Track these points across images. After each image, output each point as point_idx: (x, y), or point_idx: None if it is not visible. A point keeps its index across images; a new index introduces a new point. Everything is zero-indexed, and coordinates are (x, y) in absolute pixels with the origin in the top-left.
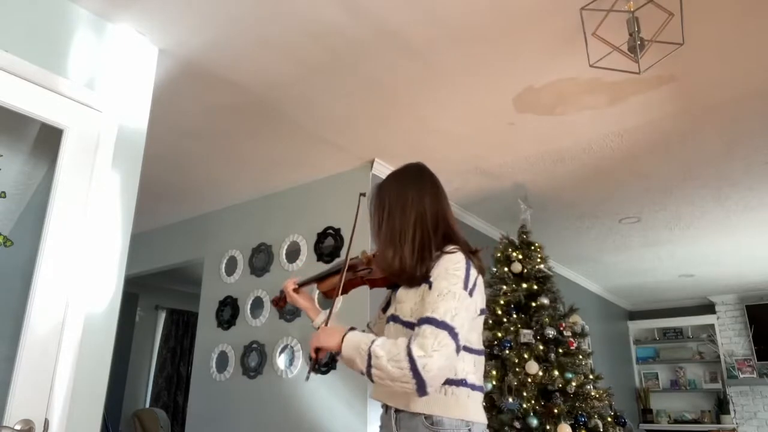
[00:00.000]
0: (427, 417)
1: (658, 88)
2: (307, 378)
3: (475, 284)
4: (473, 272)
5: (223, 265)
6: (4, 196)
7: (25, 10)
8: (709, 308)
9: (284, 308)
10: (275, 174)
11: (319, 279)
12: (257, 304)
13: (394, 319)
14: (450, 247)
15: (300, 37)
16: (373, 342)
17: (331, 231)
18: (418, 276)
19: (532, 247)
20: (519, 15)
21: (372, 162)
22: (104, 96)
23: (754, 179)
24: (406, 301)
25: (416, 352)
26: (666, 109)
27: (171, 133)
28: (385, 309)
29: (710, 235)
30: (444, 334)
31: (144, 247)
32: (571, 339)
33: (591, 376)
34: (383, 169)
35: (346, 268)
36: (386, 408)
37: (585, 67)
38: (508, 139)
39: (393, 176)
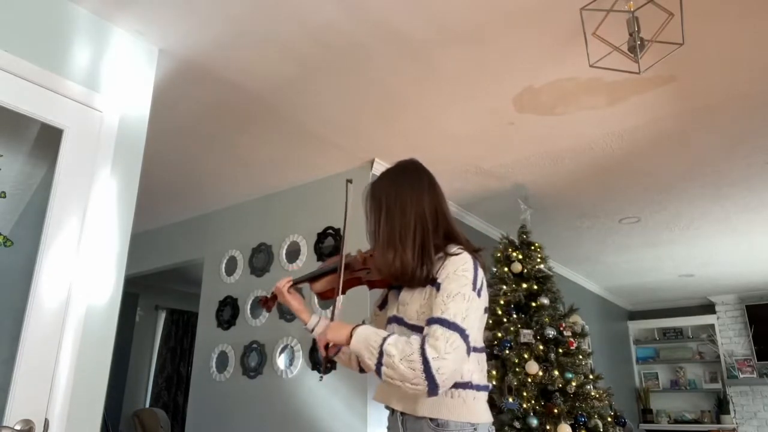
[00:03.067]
0: (432, 419)
1: (658, 88)
2: (321, 378)
3: (482, 284)
4: (480, 272)
5: (223, 265)
6: (4, 196)
7: (25, 10)
8: (709, 308)
9: (272, 309)
10: (275, 174)
11: (313, 279)
12: (257, 304)
13: (398, 321)
14: (455, 248)
15: (300, 37)
16: (385, 339)
17: (331, 231)
18: (420, 277)
19: (532, 247)
20: (519, 15)
21: (372, 162)
22: (104, 96)
23: (754, 179)
24: (411, 303)
25: (430, 354)
26: (666, 109)
27: (171, 133)
28: (381, 306)
29: (710, 235)
30: (456, 336)
31: (144, 247)
32: (571, 339)
33: (591, 376)
34: (383, 169)
35: (343, 267)
36: (392, 410)
37: (585, 67)
38: (508, 139)
39: (388, 174)
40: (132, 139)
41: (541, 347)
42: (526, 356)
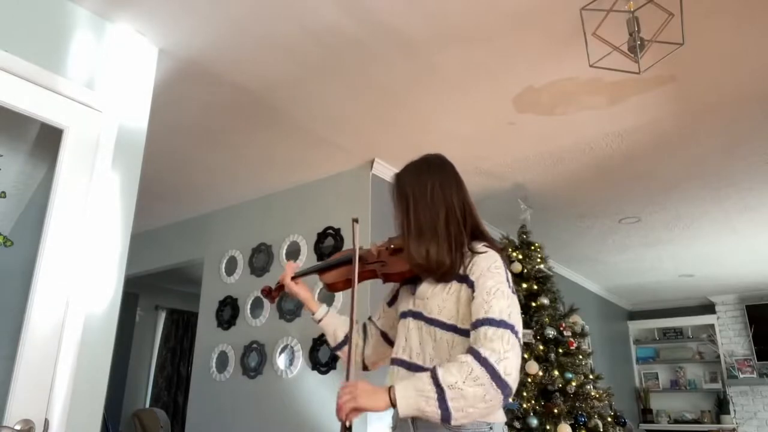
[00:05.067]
0: None
1: (658, 88)
2: None
3: (512, 283)
4: (508, 271)
5: (223, 265)
6: (4, 196)
7: (25, 10)
8: (709, 308)
9: (276, 300)
10: (275, 174)
11: (323, 269)
12: (257, 304)
13: (415, 315)
14: (480, 246)
15: (300, 37)
16: (434, 376)
17: (331, 231)
18: (453, 271)
19: (532, 247)
20: (519, 15)
21: (372, 162)
22: (104, 96)
23: (754, 179)
24: (432, 297)
25: (492, 358)
26: (666, 109)
27: (171, 133)
28: (390, 303)
29: (710, 235)
30: (508, 333)
31: (144, 247)
32: (571, 339)
33: (591, 376)
34: (383, 169)
35: (357, 258)
36: None
37: (585, 67)
38: (508, 139)
39: (414, 166)
40: (132, 139)
41: (541, 347)
42: (526, 356)
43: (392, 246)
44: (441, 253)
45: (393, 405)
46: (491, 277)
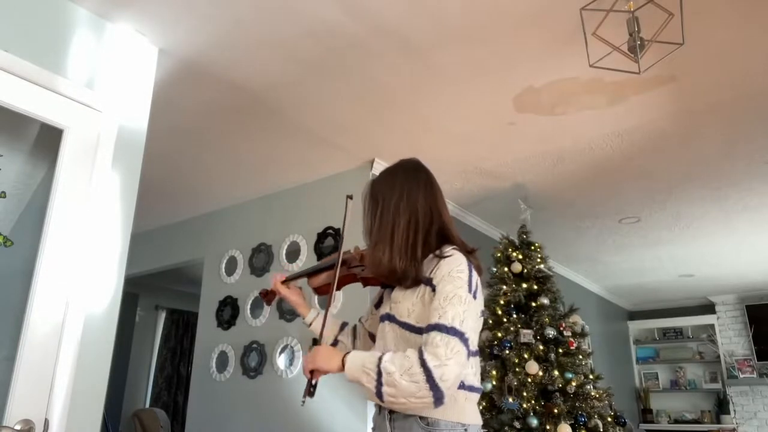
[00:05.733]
0: (422, 417)
1: (658, 88)
2: (302, 403)
3: (477, 286)
4: (475, 274)
5: (223, 265)
6: (4, 196)
7: (25, 10)
8: (709, 308)
9: (272, 302)
10: (275, 174)
11: (310, 274)
12: (257, 304)
13: (389, 318)
14: (448, 249)
15: (300, 37)
16: (380, 359)
17: (331, 231)
18: (411, 276)
19: (532, 247)
20: (519, 15)
21: (372, 162)
22: (104, 96)
23: (754, 179)
24: (402, 300)
25: (431, 362)
26: (666, 109)
27: (171, 133)
28: (377, 305)
29: (710, 235)
30: (455, 341)
31: (144, 247)
32: (571, 339)
33: (591, 376)
34: (383, 169)
35: (339, 263)
36: (379, 408)
37: (585, 67)
38: (508, 139)
39: (387, 172)
40: (132, 139)
41: (541, 347)
42: (526, 356)
43: None
44: (393, 261)
45: (343, 368)
46: (451, 281)
